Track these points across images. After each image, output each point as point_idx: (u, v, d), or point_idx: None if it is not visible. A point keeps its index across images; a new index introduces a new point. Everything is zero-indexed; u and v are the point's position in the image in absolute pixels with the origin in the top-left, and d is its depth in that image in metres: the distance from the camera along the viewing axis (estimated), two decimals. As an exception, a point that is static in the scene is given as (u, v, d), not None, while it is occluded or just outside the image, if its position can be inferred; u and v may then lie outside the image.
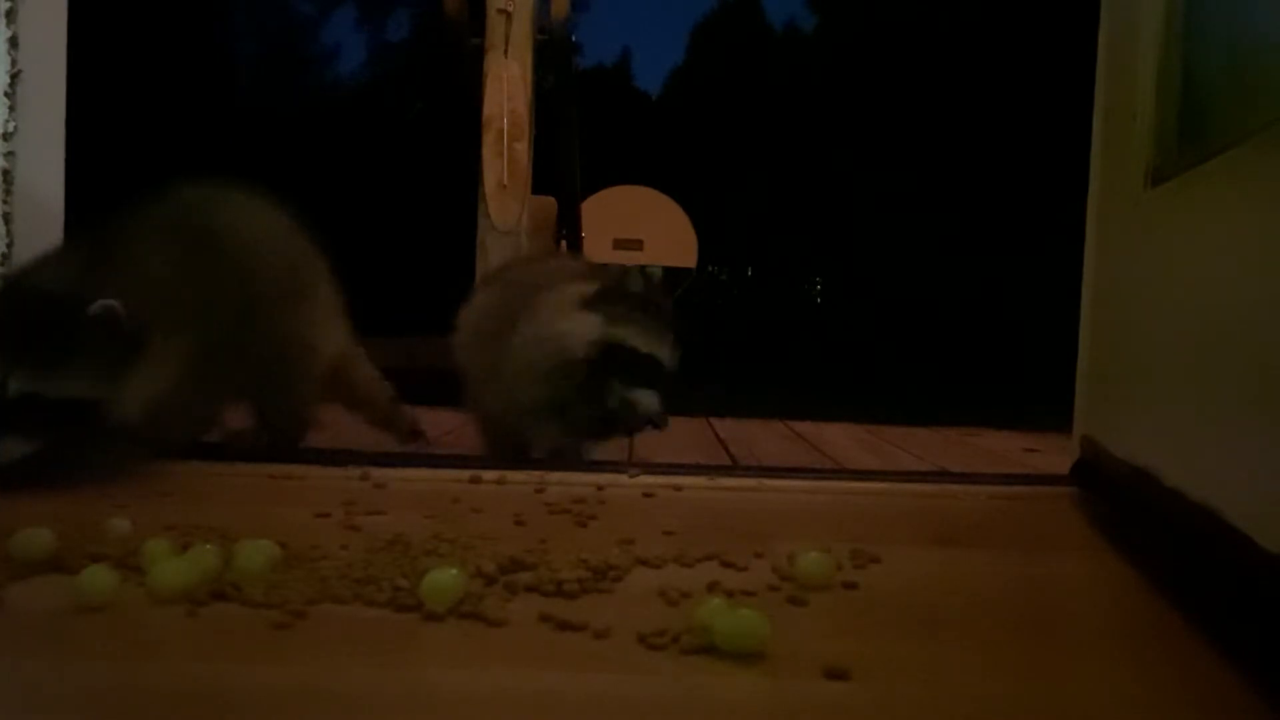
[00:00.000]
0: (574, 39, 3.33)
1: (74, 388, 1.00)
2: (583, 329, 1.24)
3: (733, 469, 1.39)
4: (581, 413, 1.27)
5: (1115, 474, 0.97)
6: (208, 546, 0.71)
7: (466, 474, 1.12)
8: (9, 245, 1.43)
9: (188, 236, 1.19)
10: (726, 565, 0.77)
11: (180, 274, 1.15)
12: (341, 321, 1.40)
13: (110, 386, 1.03)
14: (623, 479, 1.14)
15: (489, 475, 1.11)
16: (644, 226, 7.45)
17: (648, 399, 1.23)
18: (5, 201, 1.44)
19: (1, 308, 1.02)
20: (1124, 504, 0.93)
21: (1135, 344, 0.96)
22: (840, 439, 2.19)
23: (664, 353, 1.25)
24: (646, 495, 1.07)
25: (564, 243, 4.10)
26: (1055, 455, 1.60)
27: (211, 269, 1.18)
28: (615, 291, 1.27)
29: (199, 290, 1.16)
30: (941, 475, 1.51)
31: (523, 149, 2.90)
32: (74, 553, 0.72)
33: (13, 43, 1.40)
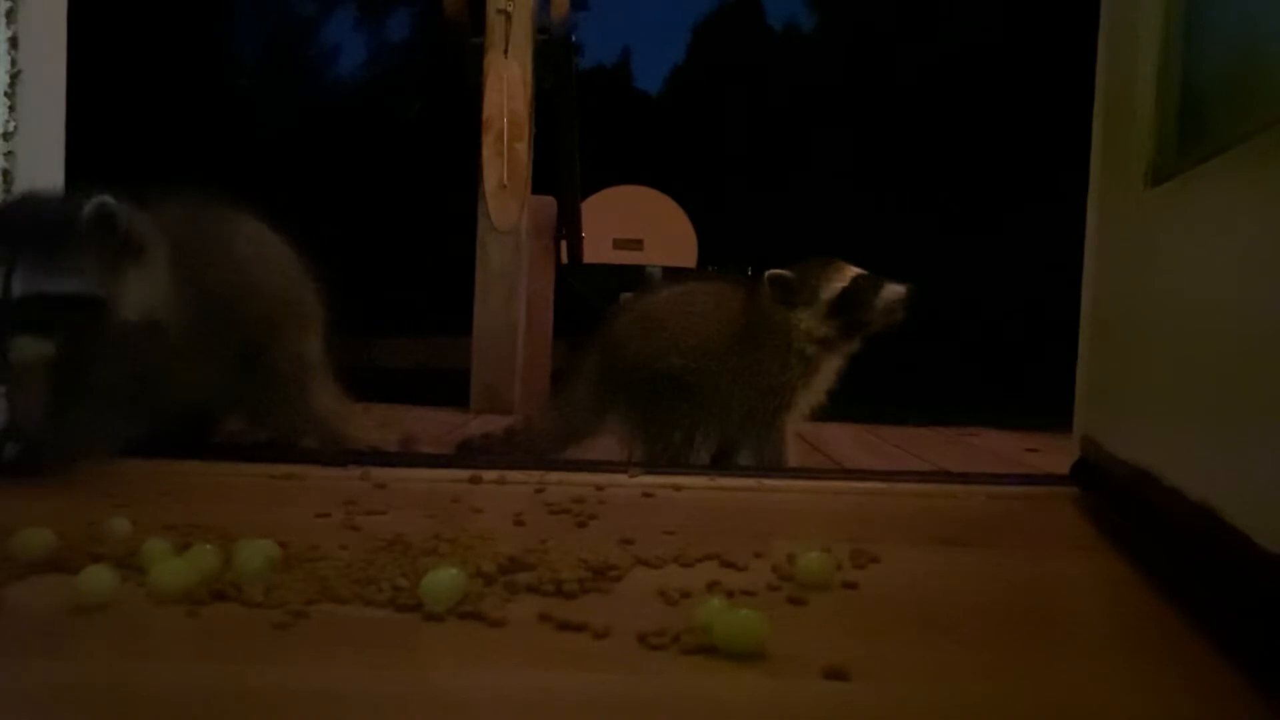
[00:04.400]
0: (574, 39, 3.33)
1: (76, 284, 1.02)
2: None
3: (733, 469, 1.39)
4: None
5: (1115, 474, 0.97)
6: (208, 546, 0.72)
7: (466, 474, 1.12)
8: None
9: (212, 222, 1.25)
10: (726, 565, 0.77)
11: (194, 238, 1.18)
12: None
13: (111, 284, 1.05)
14: (623, 479, 1.14)
15: (489, 475, 1.11)
16: (644, 226, 7.43)
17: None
18: (5, 201, 1.44)
19: (5, 216, 1.08)
20: (1124, 504, 0.93)
21: (1135, 344, 0.96)
22: (840, 439, 2.18)
23: None
24: (646, 495, 1.07)
25: (564, 242, 4.09)
26: (1055, 455, 1.59)
27: (224, 250, 1.22)
28: None
29: (207, 256, 1.19)
30: (941, 475, 1.51)
31: (523, 149, 2.89)
32: (74, 553, 0.72)
33: (13, 43, 1.40)
